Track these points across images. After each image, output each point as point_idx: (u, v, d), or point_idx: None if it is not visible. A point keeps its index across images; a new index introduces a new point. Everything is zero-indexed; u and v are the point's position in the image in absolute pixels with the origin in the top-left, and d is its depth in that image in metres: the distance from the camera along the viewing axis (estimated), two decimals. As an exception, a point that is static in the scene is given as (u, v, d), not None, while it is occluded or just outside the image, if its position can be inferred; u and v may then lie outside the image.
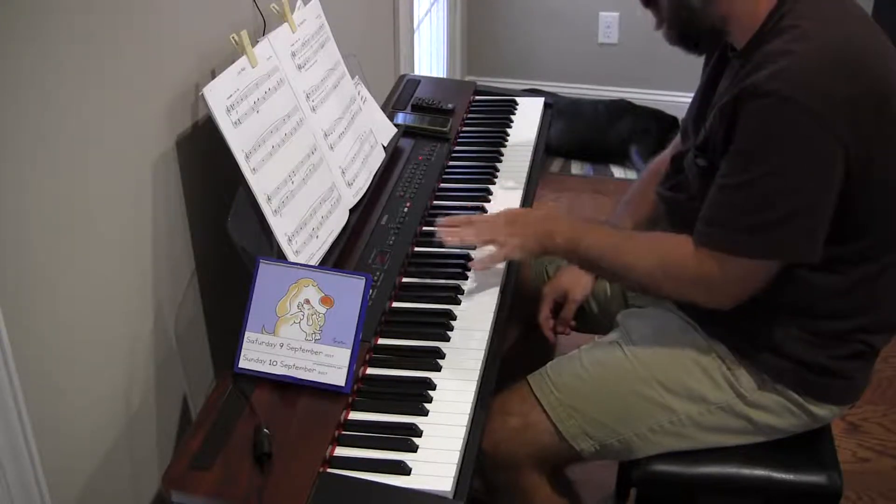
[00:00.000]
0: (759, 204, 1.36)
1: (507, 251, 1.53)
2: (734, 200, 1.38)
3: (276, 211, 1.41)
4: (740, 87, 1.35)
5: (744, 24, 1.42)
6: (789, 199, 1.34)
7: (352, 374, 1.29)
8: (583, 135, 3.73)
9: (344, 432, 1.26)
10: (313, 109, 1.59)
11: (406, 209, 1.70)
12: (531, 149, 1.99)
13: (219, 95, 1.36)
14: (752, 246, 1.38)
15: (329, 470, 1.19)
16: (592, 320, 1.86)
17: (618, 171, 3.70)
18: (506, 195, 1.82)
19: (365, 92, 1.82)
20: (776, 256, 1.39)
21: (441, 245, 1.62)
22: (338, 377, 1.29)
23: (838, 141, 1.31)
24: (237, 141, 1.37)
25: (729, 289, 1.43)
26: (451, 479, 1.19)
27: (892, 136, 1.38)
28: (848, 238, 1.41)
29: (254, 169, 1.39)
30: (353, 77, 1.77)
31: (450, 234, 1.55)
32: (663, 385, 1.54)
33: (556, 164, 3.74)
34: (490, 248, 1.54)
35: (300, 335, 1.31)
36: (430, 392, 1.32)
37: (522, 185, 1.85)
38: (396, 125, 1.92)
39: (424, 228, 1.69)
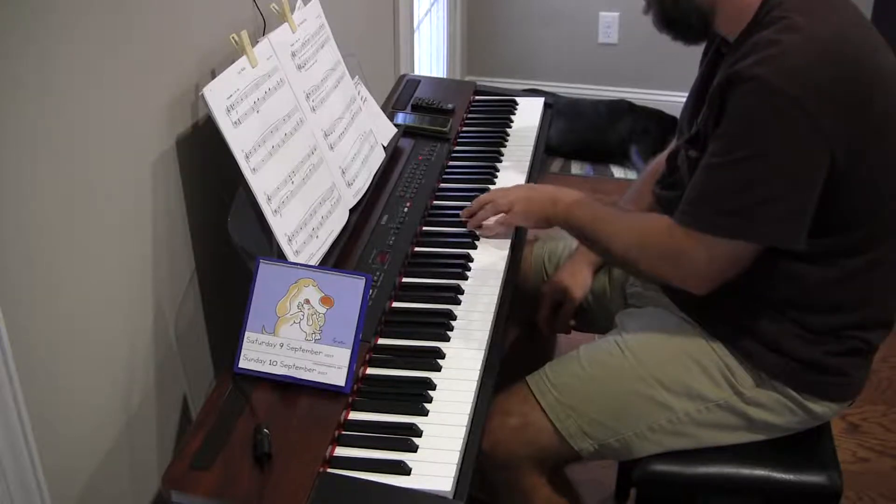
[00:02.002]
0: (739, 186, 1.36)
1: (510, 215, 1.65)
2: (715, 181, 1.39)
3: (276, 211, 1.41)
4: (727, 74, 1.36)
5: (734, 15, 1.43)
6: (768, 183, 1.35)
7: (352, 374, 1.29)
8: (583, 135, 3.73)
9: (344, 432, 1.26)
10: (313, 109, 1.59)
11: (406, 209, 1.70)
12: (531, 149, 1.99)
13: (219, 95, 1.36)
14: (727, 227, 1.38)
15: (329, 470, 1.19)
16: (591, 320, 1.86)
17: (618, 171, 3.70)
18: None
19: (365, 92, 1.82)
20: (750, 239, 1.39)
21: (441, 245, 1.64)
22: (338, 377, 1.29)
23: (821, 131, 1.32)
24: (237, 141, 1.37)
25: (701, 268, 1.43)
26: (451, 479, 1.18)
27: (880, 131, 1.38)
28: (836, 230, 1.42)
29: (254, 169, 1.39)
30: (353, 77, 1.77)
31: (470, 223, 1.69)
32: (662, 384, 1.54)
33: (556, 164, 3.75)
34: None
35: (300, 335, 1.31)
36: (430, 392, 1.32)
37: (522, 185, 1.85)
38: (396, 125, 1.92)
39: (424, 228, 1.69)
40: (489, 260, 1.62)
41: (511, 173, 1.89)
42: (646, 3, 1.53)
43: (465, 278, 1.57)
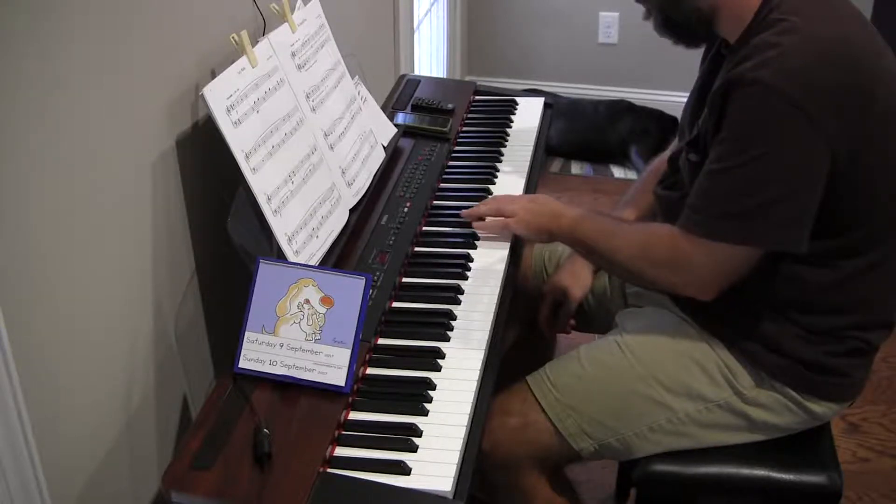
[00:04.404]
0: (740, 190, 1.36)
1: (513, 223, 1.62)
2: (717, 186, 1.39)
3: (276, 211, 1.41)
4: (727, 77, 1.36)
5: (735, 17, 1.42)
6: (769, 186, 1.35)
7: (352, 374, 1.29)
8: (583, 135, 3.73)
9: (344, 432, 1.26)
10: (313, 109, 1.59)
11: (406, 209, 1.70)
12: (531, 149, 1.99)
13: (219, 95, 1.36)
14: (730, 232, 1.38)
15: (329, 470, 1.19)
16: (592, 320, 1.86)
17: (618, 171, 3.70)
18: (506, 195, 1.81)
19: (365, 92, 1.82)
20: (753, 243, 1.40)
21: (441, 245, 1.64)
22: (338, 377, 1.29)
23: (821, 132, 1.31)
24: (237, 141, 1.37)
25: (706, 274, 1.43)
26: (451, 479, 1.18)
27: (880, 131, 1.38)
28: (836, 232, 1.42)
29: (254, 169, 1.39)
30: (353, 77, 1.77)
31: (468, 213, 1.68)
32: (662, 384, 1.54)
33: (556, 164, 3.74)
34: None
35: (300, 335, 1.31)
36: (430, 392, 1.32)
37: (522, 186, 1.85)
38: (396, 125, 1.92)
39: (424, 228, 1.69)
40: (489, 260, 1.62)
41: (511, 173, 1.89)
42: (646, 10, 1.52)
43: (465, 278, 1.57)
